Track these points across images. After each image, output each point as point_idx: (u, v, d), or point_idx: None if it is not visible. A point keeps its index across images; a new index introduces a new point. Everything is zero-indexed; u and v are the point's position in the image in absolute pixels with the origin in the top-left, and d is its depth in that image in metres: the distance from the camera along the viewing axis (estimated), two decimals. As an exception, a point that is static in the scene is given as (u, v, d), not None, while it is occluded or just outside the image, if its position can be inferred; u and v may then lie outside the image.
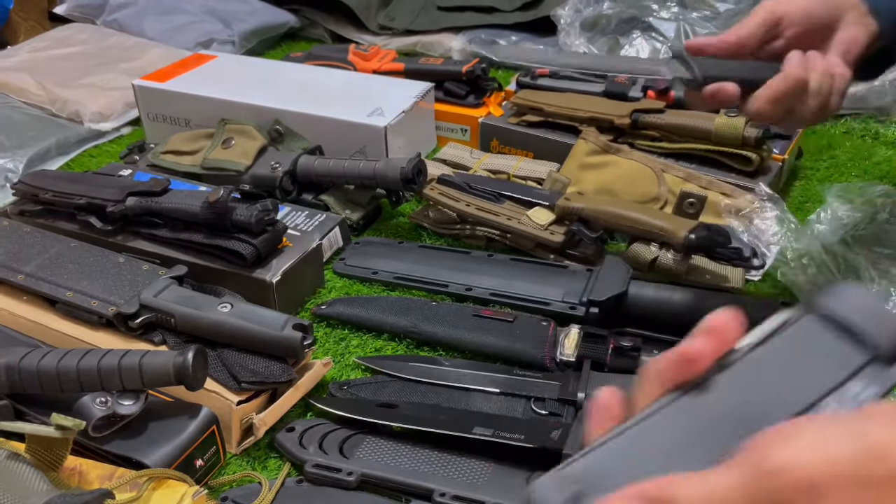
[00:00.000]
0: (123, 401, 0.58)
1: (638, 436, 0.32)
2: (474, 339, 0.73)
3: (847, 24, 0.64)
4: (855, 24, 0.64)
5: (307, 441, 0.63)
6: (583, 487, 0.31)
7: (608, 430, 0.33)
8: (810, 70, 0.60)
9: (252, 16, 1.47)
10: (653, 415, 0.32)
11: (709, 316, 0.32)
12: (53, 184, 0.84)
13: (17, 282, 0.73)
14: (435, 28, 1.40)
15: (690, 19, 1.23)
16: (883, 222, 0.80)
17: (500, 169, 0.96)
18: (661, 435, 0.32)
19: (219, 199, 0.74)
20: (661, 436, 0.32)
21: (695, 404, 0.32)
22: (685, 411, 0.32)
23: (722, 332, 0.31)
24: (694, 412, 0.32)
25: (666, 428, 0.32)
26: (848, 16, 0.64)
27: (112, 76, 1.25)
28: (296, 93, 1.05)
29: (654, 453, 0.31)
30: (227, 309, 0.67)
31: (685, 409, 0.32)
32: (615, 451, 0.32)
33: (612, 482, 0.30)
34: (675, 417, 0.32)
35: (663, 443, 0.31)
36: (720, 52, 0.62)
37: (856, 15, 0.64)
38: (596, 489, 0.30)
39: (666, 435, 0.32)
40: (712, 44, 0.62)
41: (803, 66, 0.60)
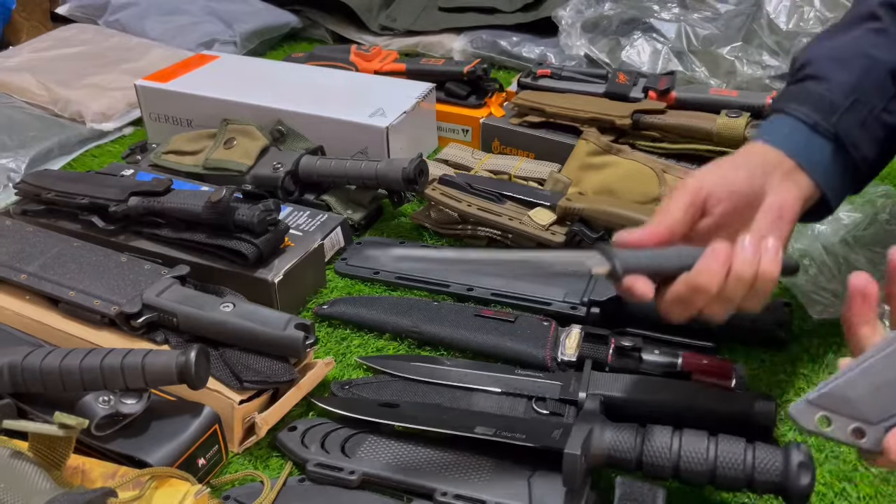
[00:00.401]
0: (126, 400, 0.58)
1: (886, 362, 0.39)
2: (476, 339, 0.73)
3: (774, 190, 0.59)
4: (783, 186, 0.59)
5: (309, 440, 0.63)
6: (832, 412, 0.40)
7: (859, 358, 0.41)
8: (720, 273, 0.53)
9: (254, 16, 1.47)
10: (891, 347, 0.39)
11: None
12: (56, 183, 0.84)
13: (19, 281, 0.73)
14: (436, 29, 1.41)
15: (691, 20, 1.23)
16: (884, 223, 0.80)
17: (502, 169, 0.97)
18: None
19: (221, 199, 0.74)
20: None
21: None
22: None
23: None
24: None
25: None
26: (773, 180, 0.59)
27: (114, 76, 1.26)
28: (297, 93, 1.05)
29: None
30: (230, 308, 0.67)
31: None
32: (864, 378, 0.39)
33: (864, 407, 0.39)
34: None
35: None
36: (652, 245, 0.55)
37: (781, 175, 0.60)
38: (846, 413, 0.39)
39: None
40: (642, 239, 0.55)
41: (715, 266, 0.53)
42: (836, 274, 0.76)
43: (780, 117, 0.63)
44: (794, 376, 0.70)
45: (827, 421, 0.41)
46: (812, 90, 0.63)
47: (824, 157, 0.61)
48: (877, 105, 0.62)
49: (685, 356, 0.67)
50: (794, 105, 0.63)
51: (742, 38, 1.18)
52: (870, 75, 0.62)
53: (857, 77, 0.62)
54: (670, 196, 0.58)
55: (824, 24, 1.15)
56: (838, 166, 0.61)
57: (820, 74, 0.63)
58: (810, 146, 0.61)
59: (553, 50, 1.29)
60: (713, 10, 1.26)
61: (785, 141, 0.61)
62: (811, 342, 0.73)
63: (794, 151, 0.60)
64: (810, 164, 0.60)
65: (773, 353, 0.72)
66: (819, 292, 0.75)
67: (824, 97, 0.62)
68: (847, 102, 0.61)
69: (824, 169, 0.61)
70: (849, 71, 0.62)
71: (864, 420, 0.40)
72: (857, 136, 0.61)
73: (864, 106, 0.62)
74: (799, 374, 0.70)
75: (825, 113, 0.61)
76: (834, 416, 0.41)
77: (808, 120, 0.61)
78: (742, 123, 0.91)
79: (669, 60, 1.19)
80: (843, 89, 0.62)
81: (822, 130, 0.61)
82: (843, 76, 0.62)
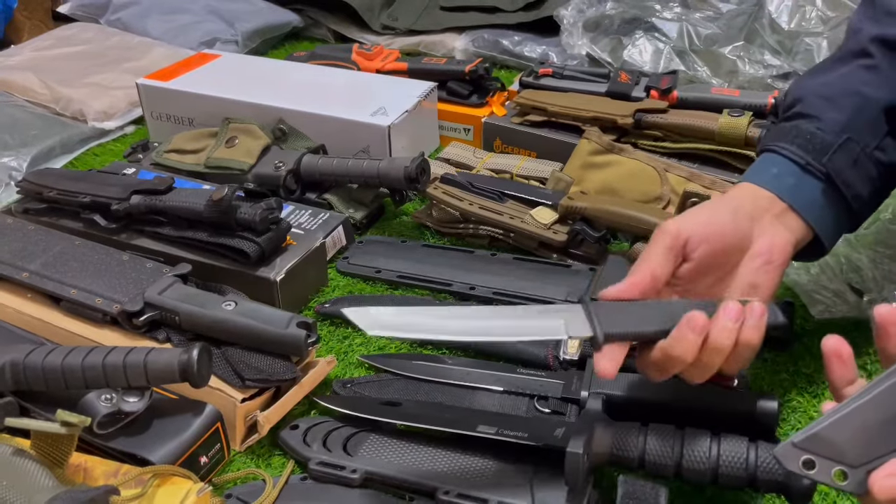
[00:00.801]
0: (128, 398, 0.58)
1: (866, 407, 0.41)
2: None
3: (764, 232, 0.58)
4: (773, 230, 0.58)
5: (311, 439, 0.63)
6: (816, 455, 0.41)
7: (842, 404, 0.42)
8: (695, 343, 0.51)
9: (255, 15, 1.47)
10: (880, 388, 0.41)
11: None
12: (57, 182, 0.84)
13: (21, 279, 0.73)
14: (438, 28, 1.41)
15: (693, 19, 1.23)
16: (886, 222, 0.80)
17: (503, 168, 0.97)
18: (888, 406, 0.41)
19: (223, 197, 0.74)
20: (889, 407, 0.41)
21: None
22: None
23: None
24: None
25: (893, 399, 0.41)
26: (762, 223, 0.58)
27: (116, 75, 1.26)
28: (299, 92, 1.05)
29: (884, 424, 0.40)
30: (232, 307, 0.67)
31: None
32: (847, 423, 0.41)
33: (846, 451, 0.41)
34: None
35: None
36: (635, 296, 0.54)
37: (772, 218, 0.58)
38: (829, 456, 0.41)
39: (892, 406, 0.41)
40: (624, 293, 0.54)
41: (690, 337, 0.51)
42: (839, 273, 0.76)
43: (769, 156, 0.62)
44: (796, 376, 0.70)
45: (811, 464, 0.42)
46: (803, 128, 0.61)
47: (816, 197, 0.60)
48: (870, 143, 0.61)
49: (687, 355, 0.67)
50: (783, 144, 0.61)
51: (744, 38, 1.18)
52: (862, 113, 0.61)
53: (848, 115, 0.61)
54: (651, 241, 0.57)
55: (826, 24, 1.15)
56: (831, 206, 0.60)
57: (811, 112, 0.62)
58: (801, 186, 0.60)
59: (555, 49, 1.29)
60: (715, 10, 1.26)
61: (774, 182, 0.60)
62: (813, 342, 0.73)
63: (784, 193, 0.59)
64: (802, 205, 0.59)
65: (775, 352, 0.72)
66: (821, 292, 0.75)
67: (815, 136, 0.60)
68: (839, 141, 0.60)
69: (817, 209, 0.60)
70: (840, 109, 0.61)
71: (847, 463, 0.41)
72: (850, 176, 0.60)
73: (857, 144, 0.60)
74: (801, 373, 0.70)
75: (816, 153, 0.60)
76: (818, 458, 0.42)
77: (799, 160, 0.60)
78: (744, 122, 0.91)
79: (671, 60, 1.19)
80: (835, 128, 0.61)
81: (813, 170, 0.60)
82: (835, 114, 0.61)
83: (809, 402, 0.67)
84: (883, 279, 0.74)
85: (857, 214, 0.63)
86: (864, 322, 0.73)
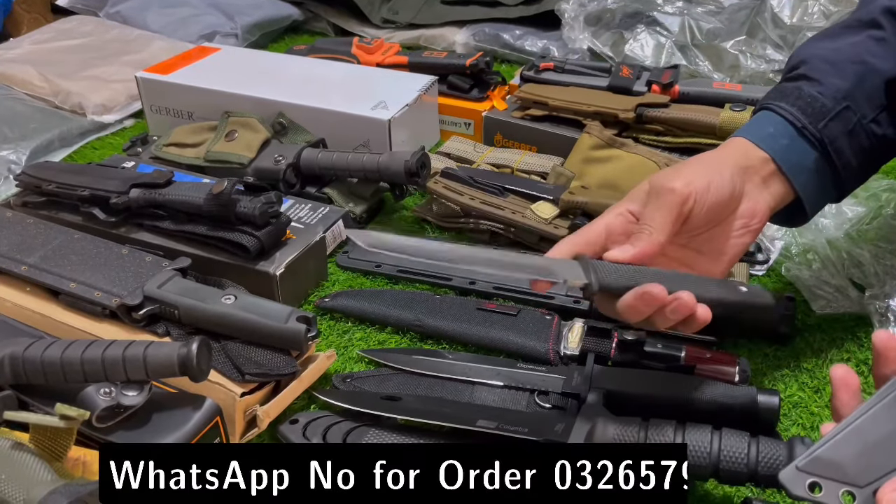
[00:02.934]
0: (127, 391, 0.57)
1: (866, 425, 0.41)
2: (478, 333, 0.73)
3: (749, 196, 0.59)
4: (757, 194, 0.59)
5: (310, 433, 0.63)
6: (820, 477, 0.41)
7: (841, 423, 0.42)
8: (645, 313, 0.53)
9: (255, 9, 1.46)
10: (878, 405, 0.41)
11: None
12: (56, 175, 0.84)
13: (20, 273, 0.73)
14: (438, 22, 1.40)
15: (695, 14, 1.23)
16: (888, 217, 0.80)
17: (504, 163, 0.96)
18: (888, 423, 0.41)
19: (222, 191, 0.74)
20: (888, 423, 0.41)
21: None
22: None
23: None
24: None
25: (893, 415, 0.41)
26: (750, 185, 0.59)
27: (115, 68, 1.25)
28: (299, 86, 1.05)
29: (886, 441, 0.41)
30: (231, 301, 0.67)
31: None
32: (848, 442, 0.41)
33: (850, 471, 0.41)
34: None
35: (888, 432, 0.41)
36: (643, 263, 0.54)
37: (759, 181, 0.59)
38: (834, 477, 0.41)
39: (892, 423, 0.41)
40: (634, 258, 0.54)
41: (643, 309, 0.52)
42: (840, 269, 0.76)
43: (767, 115, 0.62)
44: (797, 371, 0.70)
45: (818, 487, 0.42)
46: (804, 91, 0.61)
47: (806, 162, 0.60)
48: (867, 114, 0.61)
49: (688, 350, 0.67)
50: (783, 104, 0.62)
51: (746, 32, 1.18)
52: (864, 83, 0.61)
53: (850, 83, 0.61)
54: (657, 204, 0.56)
55: (828, 18, 1.15)
56: (819, 173, 0.61)
57: (814, 76, 0.62)
58: (793, 149, 0.60)
59: (556, 43, 1.29)
60: (717, 4, 1.26)
61: (769, 140, 0.60)
62: (814, 337, 0.73)
63: (776, 153, 0.60)
64: (790, 168, 0.60)
65: (776, 347, 0.72)
66: (822, 287, 0.75)
67: (816, 100, 0.61)
68: (838, 108, 0.60)
69: (804, 175, 0.60)
70: (843, 76, 0.61)
71: (853, 484, 0.41)
72: (843, 144, 0.60)
73: (854, 114, 0.61)
74: (802, 368, 0.70)
75: (814, 117, 0.60)
76: (823, 481, 0.41)
77: (795, 122, 0.60)
78: (746, 117, 0.90)
79: (673, 54, 1.19)
80: (836, 94, 0.61)
81: (807, 134, 0.60)
82: (837, 81, 0.61)
83: (810, 398, 0.67)
84: (885, 274, 0.74)
85: (843, 185, 0.63)
86: (865, 317, 0.73)
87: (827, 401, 0.66)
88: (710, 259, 0.60)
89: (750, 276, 0.79)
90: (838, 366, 0.46)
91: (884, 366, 0.45)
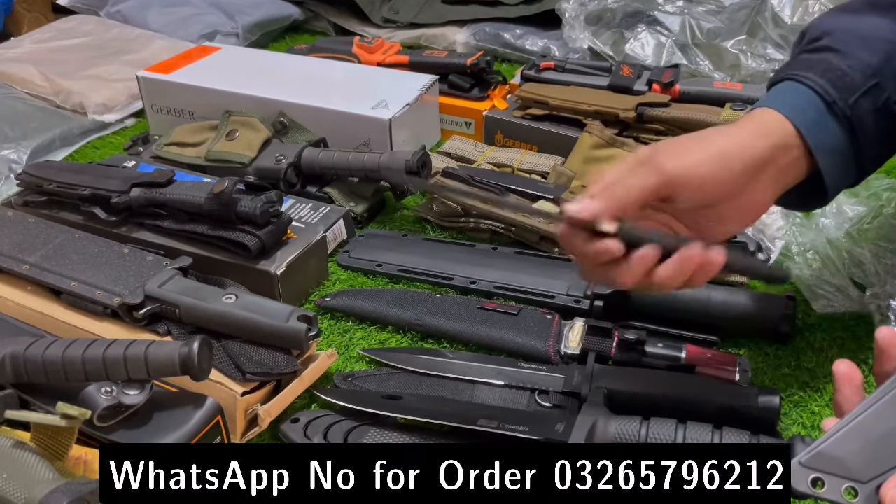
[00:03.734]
0: (129, 390, 0.58)
1: (869, 420, 0.41)
2: (479, 332, 0.73)
3: (756, 189, 0.55)
4: (766, 187, 0.55)
5: (311, 432, 0.63)
6: (823, 472, 0.41)
7: (844, 419, 0.42)
8: (640, 274, 0.53)
9: (256, 8, 1.46)
10: (881, 400, 0.41)
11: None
12: (57, 174, 0.84)
13: (21, 272, 0.73)
14: (439, 21, 1.40)
15: (695, 13, 1.22)
16: (889, 216, 0.80)
17: (505, 162, 0.96)
18: (890, 419, 0.41)
19: (223, 190, 0.74)
20: (890, 419, 0.41)
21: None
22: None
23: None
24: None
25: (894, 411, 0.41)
26: (762, 177, 0.54)
27: (116, 68, 1.25)
28: (300, 85, 1.05)
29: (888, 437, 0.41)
30: (232, 300, 0.67)
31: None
32: (850, 438, 0.41)
33: (853, 467, 0.41)
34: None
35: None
36: (594, 218, 0.52)
37: (776, 172, 0.55)
38: (837, 473, 0.41)
39: (894, 419, 0.41)
40: (587, 212, 0.52)
41: (638, 270, 0.52)
42: (841, 268, 0.76)
43: (792, 85, 0.57)
44: (798, 370, 0.70)
45: (820, 483, 0.42)
46: (833, 63, 0.57)
47: (833, 140, 0.56)
48: (893, 94, 0.58)
49: (689, 349, 0.67)
50: (810, 75, 0.57)
51: (746, 32, 1.18)
52: (893, 61, 0.57)
53: (880, 59, 0.57)
54: (639, 172, 0.53)
55: (829, 18, 1.15)
56: (843, 153, 0.57)
57: (841, 49, 0.58)
58: (821, 125, 0.56)
59: (556, 43, 1.29)
60: (717, 3, 1.26)
61: (798, 114, 0.55)
62: (815, 336, 0.73)
63: (805, 127, 0.55)
64: (817, 145, 0.55)
65: (777, 346, 0.72)
66: (823, 286, 0.75)
67: (846, 74, 0.56)
68: (868, 84, 0.56)
69: (830, 154, 0.56)
70: (873, 52, 0.57)
71: (856, 479, 0.41)
72: (870, 123, 0.57)
73: (882, 92, 0.57)
74: (803, 367, 0.70)
75: (844, 91, 0.56)
76: (826, 476, 0.42)
77: (826, 96, 0.56)
78: (746, 117, 0.90)
79: (673, 53, 1.19)
80: (865, 70, 0.57)
81: (837, 111, 0.56)
82: (867, 56, 0.57)
83: (811, 397, 0.67)
84: (885, 274, 0.74)
85: (863, 166, 0.59)
86: (865, 317, 0.73)
87: (828, 400, 0.66)
88: (696, 237, 0.56)
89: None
90: (841, 361, 0.46)
91: (886, 363, 0.45)
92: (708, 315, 0.71)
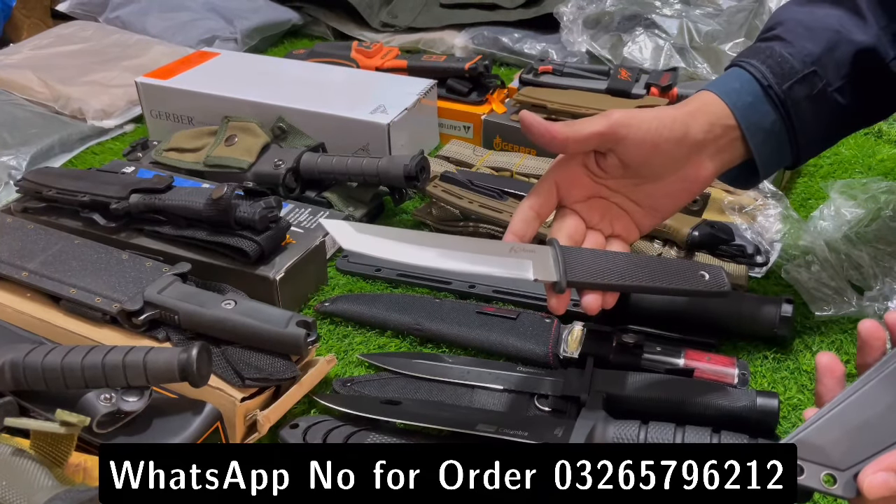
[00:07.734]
0: (128, 397, 0.58)
1: (848, 410, 0.42)
2: (477, 336, 0.73)
3: (699, 162, 0.61)
4: (708, 161, 0.62)
5: (311, 437, 0.63)
6: (803, 460, 0.42)
7: (824, 408, 0.43)
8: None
9: (255, 13, 1.47)
10: (860, 390, 0.43)
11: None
12: (57, 181, 0.84)
13: (20, 278, 0.73)
14: (437, 25, 1.40)
15: (693, 16, 1.23)
16: (887, 219, 0.80)
17: (503, 166, 0.96)
18: (868, 408, 0.42)
19: (222, 196, 0.74)
20: (869, 408, 0.42)
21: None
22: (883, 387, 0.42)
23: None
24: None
25: (873, 400, 0.42)
26: (703, 152, 0.61)
27: (115, 73, 1.25)
28: (299, 90, 1.05)
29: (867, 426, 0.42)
30: (231, 306, 0.67)
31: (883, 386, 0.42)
32: (830, 426, 0.42)
33: (832, 454, 0.42)
34: (876, 393, 0.42)
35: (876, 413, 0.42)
36: (544, 139, 0.59)
37: (715, 149, 0.61)
38: (816, 460, 0.42)
39: (872, 408, 0.42)
40: (539, 127, 0.59)
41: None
42: (839, 270, 0.76)
43: (736, 70, 0.64)
44: (796, 373, 0.70)
45: (800, 469, 0.42)
46: (776, 51, 0.63)
47: (765, 122, 0.62)
48: (832, 82, 0.62)
49: (687, 353, 0.67)
50: (753, 61, 0.63)
51: (744, 34, 1.18)
52: (834, 51, 0.62)
53: (821, 49, 0.62)
54: (592, 119, 0.59)
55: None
56: (777, 135, 0.62)
57: (787, 37, 0.63)
58: (755, 107, 0.61)
59: (555, 46, 1.29)
60: (715, 6, 1.26)
61: (733, 96, 0.61)
62: (813, 339, 0.73)
63: (738, 109, 0.61)
64: (749, 126, 0.61)
65: (775, 349, 0.72)
66: (821, 289, 0.75)
67: (786, 60, 0.62)
68: (805, 71, 0.62)
69: (762, 135, 0.62)
70: (815, 41, 0.63)
71: (835, 467, 0.42)
72: (804, 108, 0.62)
73: (820, 80, 0.62)
74: (801, 370, 0.70)
75: (781, 77, 0.61)
76: (805, 463, 0.42)
77: (762, 80, 0.62)
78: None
79: (671, 56, 1.19)
80: (805, 58, 0.62)
81: (772, 94, 0.61)
82: (809, 45, 0.62)
83: (809, 400, 0.67)
84: (884, 276, 0.74)
85: (800, 151, 0.64)
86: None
87: (826, 403, 0.66)
88: (646, 212, 0.63)
89: (749, 279, 0.79)
90: (824, 353, 0.47)
91: (868, 354, 0.46)
92: (706, 318, 0.71)
